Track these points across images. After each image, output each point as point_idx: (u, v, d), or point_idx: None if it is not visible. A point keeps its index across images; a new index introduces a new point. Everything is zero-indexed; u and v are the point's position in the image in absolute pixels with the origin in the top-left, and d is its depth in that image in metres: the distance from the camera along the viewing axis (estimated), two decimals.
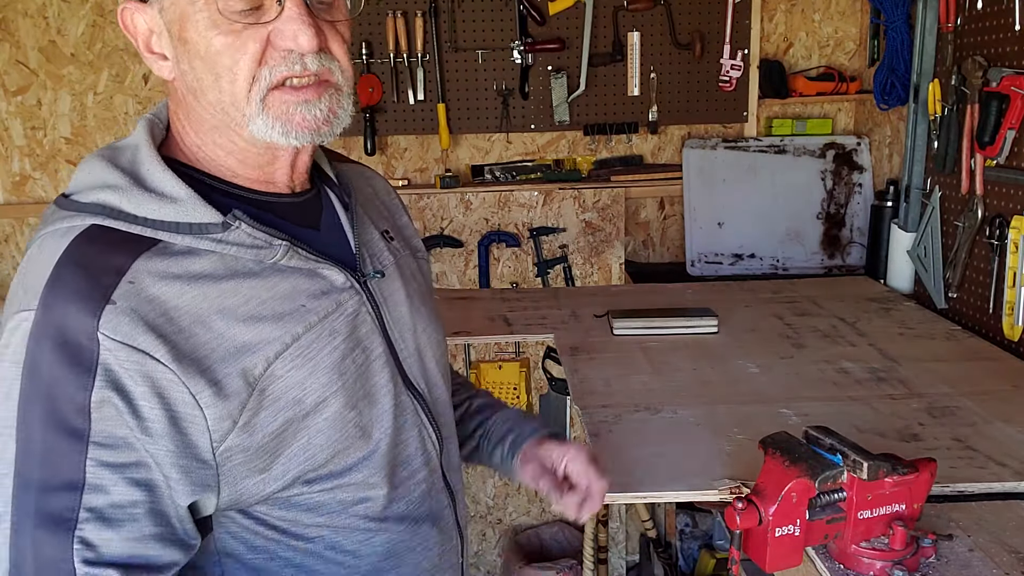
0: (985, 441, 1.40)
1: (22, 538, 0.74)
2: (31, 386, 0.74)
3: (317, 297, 0.88)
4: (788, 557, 0.99)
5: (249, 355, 0.81)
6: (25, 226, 2.94)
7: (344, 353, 0.88)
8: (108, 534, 0.75)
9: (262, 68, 0.82)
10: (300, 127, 0.84)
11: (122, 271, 0.77)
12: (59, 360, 0.74)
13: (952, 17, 2.13)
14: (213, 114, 0.85)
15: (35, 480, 0.74)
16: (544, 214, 2.91)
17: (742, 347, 1.90)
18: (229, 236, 0.82)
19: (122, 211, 0.81)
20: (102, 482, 0.74)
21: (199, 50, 0.81)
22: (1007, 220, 1.91)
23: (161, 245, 0.80)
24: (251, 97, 0.82)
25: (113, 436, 0.75)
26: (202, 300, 0.80)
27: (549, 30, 2.80)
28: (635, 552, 2.99)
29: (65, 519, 0.73)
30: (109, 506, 0.75)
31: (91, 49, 2.83)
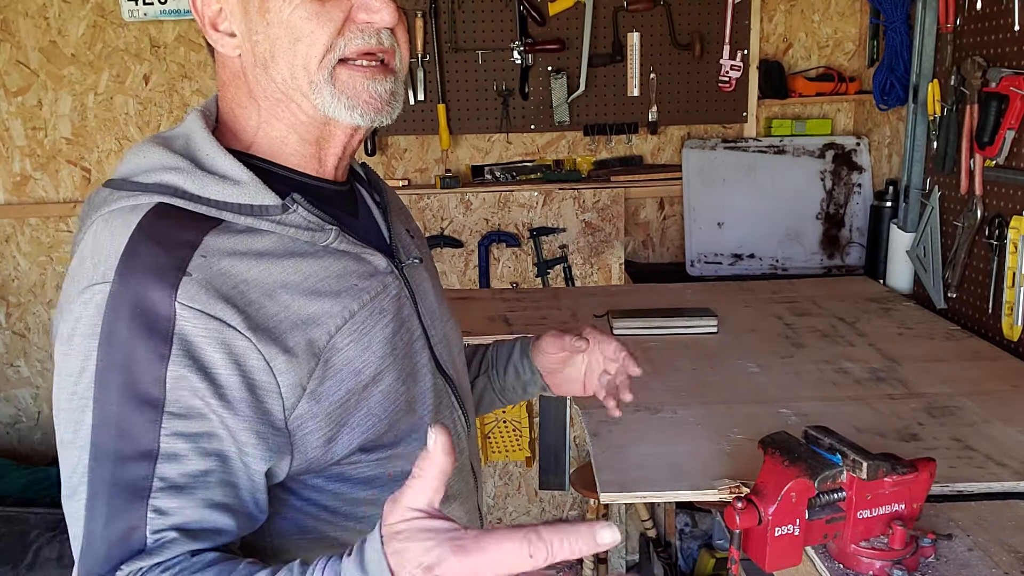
0: (984, 441, 1.40)
1: (97, 507, 0.75)
2: (108, 358, 0.76)
3: (366, 278, 0.91)
4: (788, 557, 0.99)
5: (313, 327, 0.84)
6: (25, 226, 2.95)
7: (394, 331, 0.92)
8: (180, 502, 0.76)
9: (339, 39, 0.85)
10: (366, 104, 0.87)
11: (195, 245, 0.79)
12: (136, 331, 0.75)
13: (951, 17, 2.13)
14: (280, 84, 0.87)
15: (111, 451, 0.75)
16: (544, 214, 2.91)
17: (742, 347, 1.90)
18: (287, 218, 0.85)
19: (186, 191, 0.83)
20: (176, 451, 0.76)
21: (282, 16, 0.84)
22: (1006, 220, 1.92)
23: (225, 224, 0.83)
24: (323, 65, 0.85)
25: (188, 407, 0.76)
26: (267, 275, 0.83)
27: (549, 30, 2.80)
28: (635, 552, 3.00)
29: (140, 488, 0.75)
30: (181, 475, 0.76)
31: (92, 50, 2.83)
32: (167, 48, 2.85)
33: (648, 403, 1.59)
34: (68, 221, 2.96)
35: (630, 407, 1.57)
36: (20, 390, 3.10)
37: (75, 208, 2.92)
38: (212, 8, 0.88)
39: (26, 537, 2.50)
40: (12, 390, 3.10)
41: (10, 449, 3.12)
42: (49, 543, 2.49)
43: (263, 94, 0.89)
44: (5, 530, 2.51)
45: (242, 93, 0.90)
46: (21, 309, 3.03)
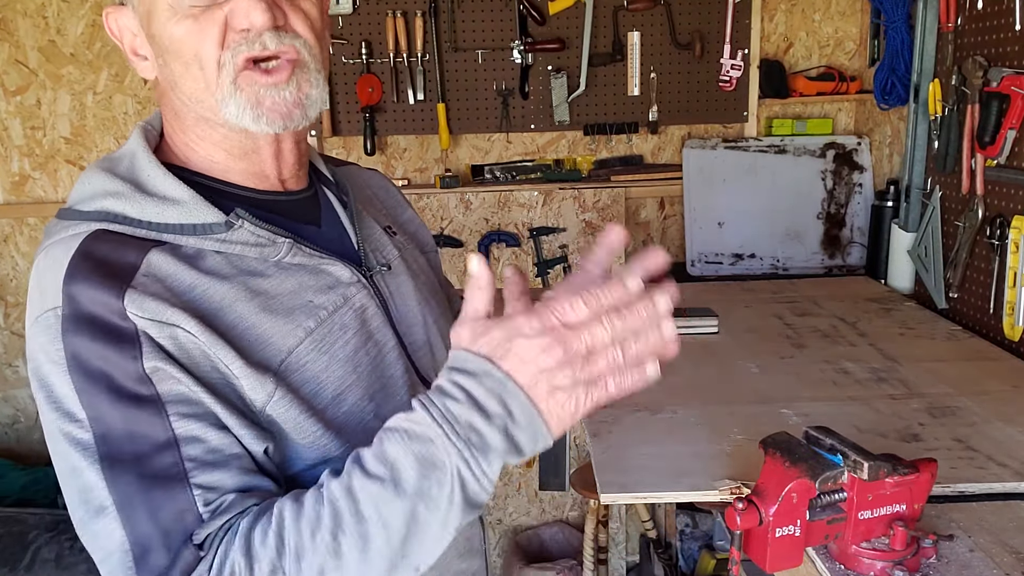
0: (985, 441, 1.40)
1: (136, 511, 0.74)
2: (84, 375, 0.75)
3: (323, 292, 0.88)
4: (788, 557, 0.99)
5: (265, 347, 0.81)
6: (24, 226, 2.94)
7: (356, 347, 0.88)
8: (218, 475, 0.75)
9: (225, 52, 0.81)
10: (271, 112, 0.83)
11: (136, 265, 0.78)
12: (101, 341, 0.75)
13: (952, 17, 2.13)
14: (192, 105, 0.85)
15: (127, 456, 0.74)
16: (544, 214, 2.91)
17: (742, 347, 1.90)
18: (233, 235, 0.83)
19: (126, 216, 0.81)
20: (192, 433, 0.75)
21: (164, 42, 0.82)
22: (1007, 220, 1.91)
23: (167, 245, 0.81)
24: (220, 81, 0.82)
25: (180, 393, 0.76)
26: (214, 294, 0.80)
27: (549, 30, 2.80)
28: (635, 552, 2.99)
29: (175, 474, 0.74)
30: (207, 451, 0.76)
31: (90, 49, 2.83)
32: None
33: (648, 403, 1.58)
34: None
35: (630, 407, 1.57)
36: (19, 390, 3.10)
37: None
38: (127, 34, 0.88)
39: (25, 537, 2.49)
40: (11, 390, 3.10)
41: (9, 449, 3.11)
42: (48, 544, 2.49)
43: (183, 115, 0.87)
44: (3, 530, 2.51)
45: (169, 113, 0.89)
46: (20, 309, 3.02)
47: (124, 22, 0.87)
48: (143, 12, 0.84)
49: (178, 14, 0.81)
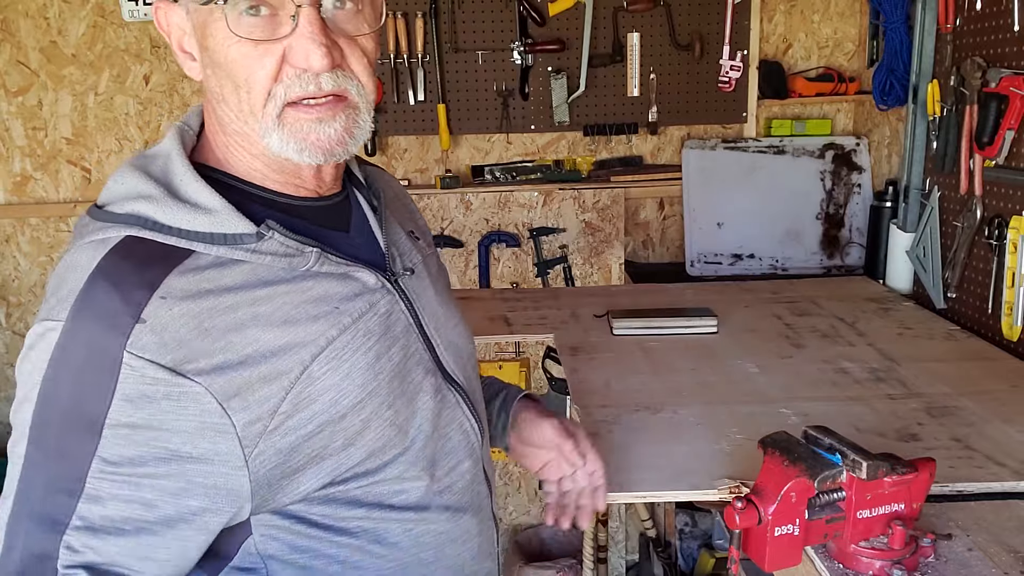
0: (984, 441, 1.40)
1: (17, 525, 0.77)
2: (52, 393, 0.76)
3: (350, 299, 0.87)
4: (787, 557, 0.99)
5: (284, 358, 0.81)
6: (25, 226, 2.95)
7: (379, 353, 0.88)
8: (94, 542, 0.76)
9: (277, 85, 0.81)
10: (314, 146, 0.83)
11: (154, 286, 0.77)
12: (83, 375, 0.75)
13: (951, 18, 2.13)
14: (235, 120, 0.85)
15: (41, 479, 0.76)
16: (544, 214, 2.91)
17: (742, 347, 1.90)
18: (262, 246, 0.82)
19: (156, 222, 0.81)
20: (99, 494, 0.75)
21: (218, 58, 0.81)
22: (1006, 220, 1.92)
23: (192, 259, 0.80)
24: (266, 112, 0.82)
25: (119, 454, 0.75)
26: (235, 310, 0.80)
27: (549, 31, 2.80)
28: (635, 551, 3.00)
29: (58, 521, 0.75)
30: (101, 518, 0.76)
31: (92, 50, 2.83)
32: (167, 48, 2.85)
33: (648, 403, 1.59)
34: (68, 221, 2.96)
35: (630, 407, 1.57)
36: None
37: (76, 208, 2.92)
38: (176, 29, 0.86)
39: None
40: (12, 390, 3.09)
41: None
42: None
43: (225, 124, 0.87)
44: None
45: (213, 117, 0.88)
46: (21, 309, 3.03)
47: (174, 19, 0.86)
48: (198, 21, 0.82)
49: (235, 37, 0.79)
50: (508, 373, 2.92)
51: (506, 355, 3.01)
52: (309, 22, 0.79)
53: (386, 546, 0.92)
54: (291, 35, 0.79)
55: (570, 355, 1.88)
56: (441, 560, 0.97)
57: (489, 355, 3.00)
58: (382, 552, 0.92)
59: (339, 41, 0.82)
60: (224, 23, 0.79)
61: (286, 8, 0.79)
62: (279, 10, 0.79)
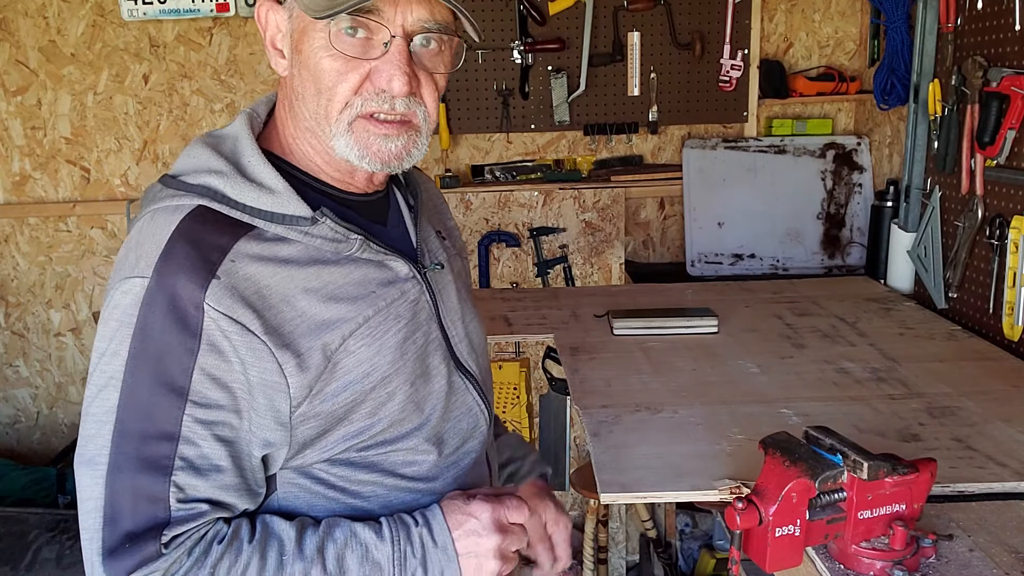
0: (985, 441, 1.40)
1: (120, 479, 0.83)
2: (141, 346, 0.84)
3: (385, 285, 0.98)
4: (788, 557, 0.99)
5: (328, 331, 0.91)
6: (25, 226, 2.94)
7: (406, 336, 0.98)
8: (196, 481, 0.85)
9: (356, 97, 0.91)
10: (375, 156, 0.94)
11: (225, 250, 0.87)
12: (169, 325, 0.83)
13: (952, 17, 2.13)
14: (308, 119, 0.95)
15: (136, 430, 0.84)
16: (544, 214, 2.91)
17: (742, 347, 1.90)
18: (315, 229, 0.92)
19: (225, 196, 0.90)
20: (194, 436, 0.85)
21: (309, 63, 0.91)
22: (1007, 220, 1.91)
23: (256, 231, 0.90)
24: (340, 118, 0.92)
25: (207, 397, 0.85)
26: (288, 281, 0.90)
27: (549, 30, 2.80)
28: (635, 552, 2.99)
29: (163, 465, 0.84)
30: (198, 457, 0.85)
31: (91, 49, 2.83)
32: (166, 48, 2.85)
33: (648, 403, 1.58)
34: (67, 221, 2.95)
35: (630, 407, 1.57)
36: (19, 390, 3.10)
37: (74, 208, 2.92)
38: (272, 27, 0.96)
39: (25, 537, 2.50)
40: (11, 390, 3.10)
41: (9, 449, 3.12)
42: (48, 543, 2.49)
43: (298, 118, 0.96)
44: (4, 530, 2.51)
45: (287, 109, 0.98)
46: (20, 309, 3.03)
47: (274, 18, 0.95)
48: (298, 24, 0.92)
49: (331, 52, 0.90)
50: (508, 373, 2.91)
51: (506, 355, 3.00)
52: (399, 51, 0.90)
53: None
54: (380, 59, 0.90)
55: (570, 355, 1.88)
56: None
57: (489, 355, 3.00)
58: None
59: (418, 73, 0.93)
60: (325, 35, 0.90)
61: (381, 35, 0.90)
62: (374, 35, 0.90)
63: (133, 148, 2.92)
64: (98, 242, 2.98)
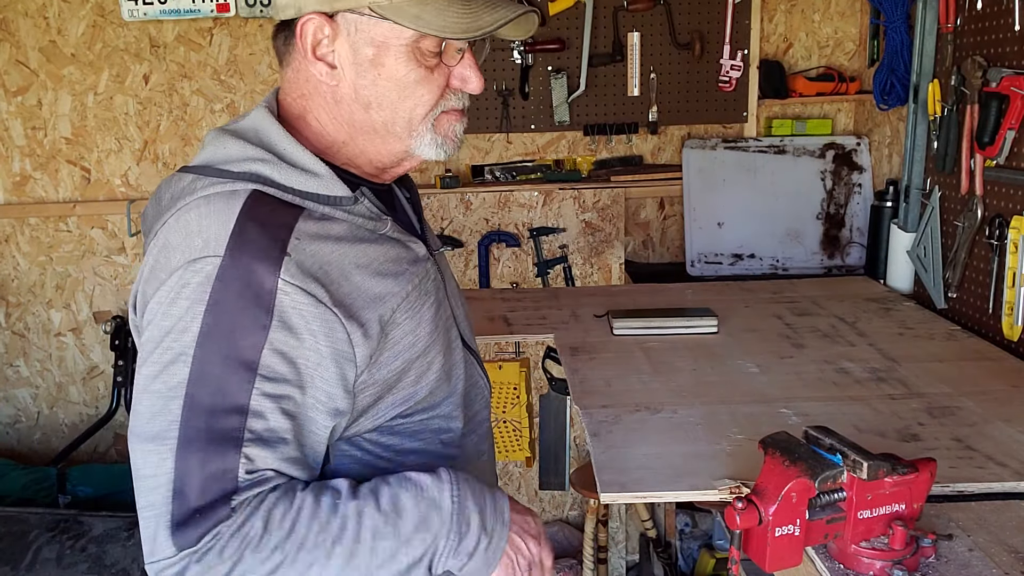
0: (985, 441, 1.40)
1: (191, 452, 0.86)
2: (214, 322, 0.87)
3: (413, 263, 1.04)
4: (788, 557, 0.99)
5: (381, 304, 0.97)
6: (25, 226, 2.94)
7: (436, 310, 1.06)
8: (265, 452, 0.88)
9: (441, 100, 1.01)
10: (450, 141, 1.04)
11: (290, 229, 0.92)
12: (244, 302, 0.87)
13: (952, 17, 2.13)
14: (377, 124, 1.01)
15: (207, 404, 0.86)
16: (544, 214, 2.91)
17: (742, 347, 1.90)
18: (356, 208, 0.99)
19: (274, 180, 0.95)
20: (263, 410, 0.88)
21: (394, 74, 0.98)
22: (1007, 220, 1.91)
23: (307, 211, 0.95)
24: (427, 119, 1.01)
25: (275, 371, 0.88)
26: (343, 258, 0.95)
27: (549, 30, 2.80)
28: (635, 552, 3.00)
29: (234, 437, 0.87)
30: (266, 430, 0.88)
31: (91, 49, 2.83)
32: (167, 48, 2.85)
33: (648, 403, 1.59)
34: (68, 221, 2.95)
35: (630, 407, 1.57)
36: (20, 390, 3.10)
37: (75, 208, 2.92)
38: (317, 38, 0.98)
39: (26, 537, 2.50)
40: (12, 390, 3.10)
41: (10, 449, 3.12)
42: (49, 543, 2.49)
43: (354, 124, 1.01)
44: (5, 530, 2.51)
45: (324, 112, 1.02)
46: (21, 309, 3.03)
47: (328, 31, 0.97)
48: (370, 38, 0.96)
49: (417, 62, 0.98)
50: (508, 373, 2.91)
51: (506, 355, 3.00)
52: (472, 57, 1.02)
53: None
54: (459, 64, 1.01)
55: (570, 355, 1.88)
56: None
57: (489, 355, 3.00)
58: None
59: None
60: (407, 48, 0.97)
61: (456, 43, 1.00)
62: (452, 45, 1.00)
63: (133, 148, 2.92)
64: (98, 242, 2.98)
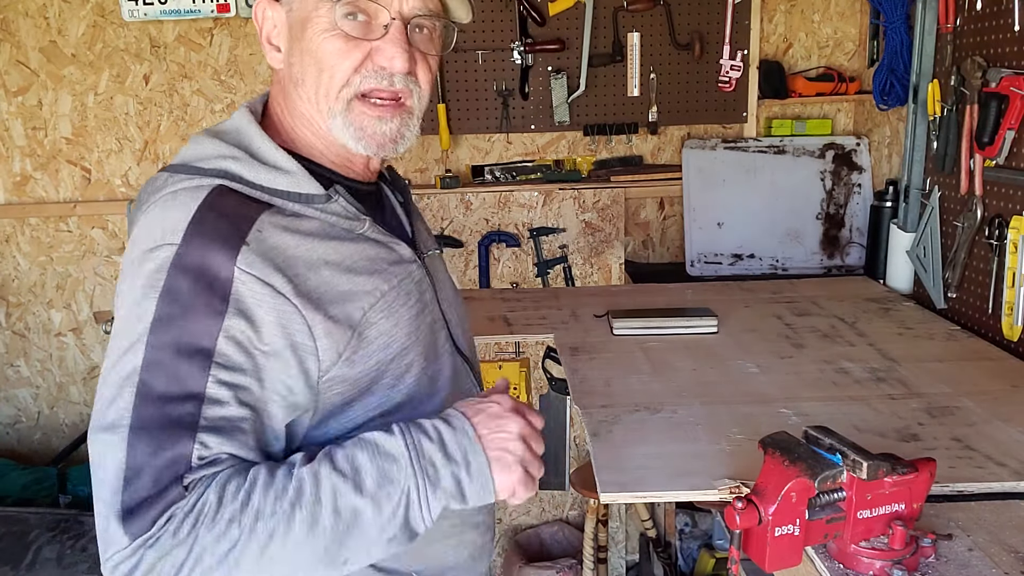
0: (984, 441, 1.40)
1: (143, 439, 0.84)
2: (167, 309, 0.86)
3: (393, 264, 1.02)
4: (788, 557, 0.99)
5: (351, 301, 0.95)
6: (26, 226, 2.94)
7: (416, 312, 1.04)
8: (219, 440, 0.86)
9: (356, 75, 0.96)
10: (371, 139, 0.99)
11: (253, 220, 0.91)
12: (198, 288, 0.86)
13: (951, 17, 2.13)
14: (306, 103, 0.99)
15: (159, 392, 0.85)
16: (544, 214, 2.91)
17: (742, 347, 1.90)
18: (329, 206, 0.97)
19: (243, 177, 0.95)
20: (219, 397, 0.86)
21: (312, 47, 0.96)
22: (1006, 220, 1.92)
23: (275, 208, 0.94)
24: (340, 96, 0.97)
25: (232, 360, 0.87)
26: (311, 252, 0.93)
27: (549, 30, 2.80)
28: (635, 552, 3.00)
29: (188, 423, 0.85)
30: (222, 418, 0.86)
31: (92, 49, 2.83)
32: (167, 48, 2.85)
33: (648, 403, 1.59)
34: (68, 221, 2.96)
35: (630, 407, 1.57)
36: (20, 390, 3.10)
37: (75, 208, 2.92)
38: (269, 23, 1.01)
39: (26, 537, 2.50)
40: (12, 390, 3.10)
41: (10, 449, 3.12)
42: (49, 543, 2.49)
43: (294, 106, 1.01)
44: (5, 530, 2.51)
45: (282, 99, 1.03)
46: (21, 309, 3.03)
47: (272, 14, 1.01)
48: (299, 15, 0.97)
49: (335, 32, 0.95)
50: (508, 373, 2.91)
51: (506, 355, 3.00)
52: (399, 32, 0.97)
53: None
54: (381, 39, 0.96)
55: (570, 355, 1.88)
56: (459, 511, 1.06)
57: (489, 355, 3.00)
58: None
59: (415, 54, 0.99)
60: (326, 21, 0.95)
61: (380, 19, 0.96)
62: (373, 19, 0.96)
63: (134, 148, 2.92)
64: (99, 242, 2.98)
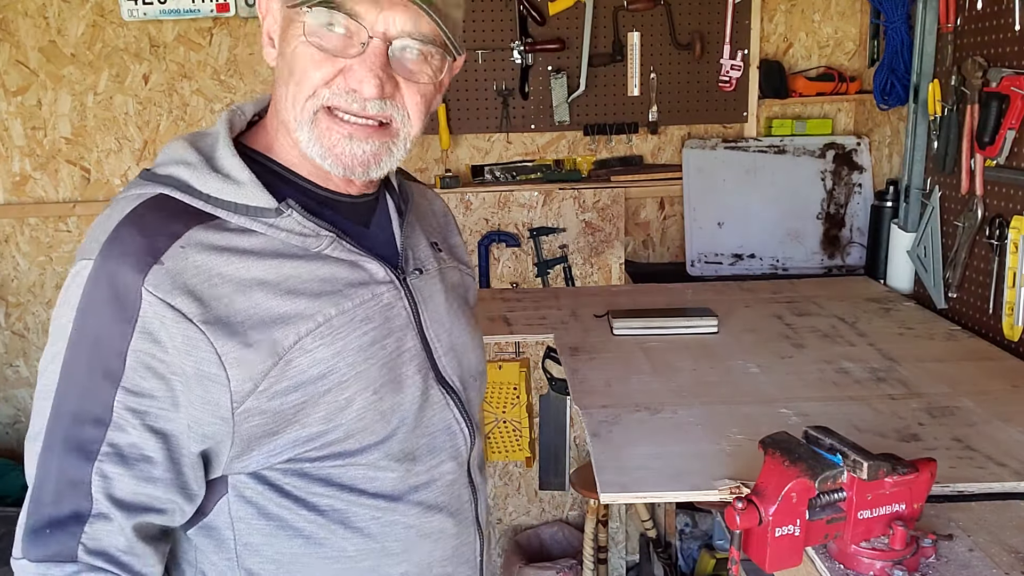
0: (985, 441, 1.40)
1: (50, 458, 0.84)
2: (81, 327, 0.84)
3: (355, 286, 0.94)
4: (788, 557, 0.99)
5: (282, 326, 0.88)
6: (25, 226, 2.94)
7: (373, 340, 0.95)
8: (121, 470, 0.84)
9: (325, 88, 0.89)
10: (338, 159, 0.91)
11: (176, 236, 0.85)
12: (108, 308, 0.83)
13: (952, 17, 2.13)
14: (281, 109, 0.93)
15: (70, 410, 0.84)
16: (544, 214, 2.91)
17: (742, 347, 1.90)
18: (280, 222, 0.90)
19: (189, 185, 0.90)
20: (125, 424, 0.84)
21: (288, 50, 0.91)
22: (1007, 220, 1.91)
23: (218, 221, 0.89)
24: (305, 107, 0.90)
25: (141, 386, 0.84)
26: (244, 272, 0.88)
27: (549, 30, 2.80)
28: (635, 552, 3.00)
29: (90, 450, 0.83)
30: (128, 445, 0.84)
31: (91, 49, 2.83)
32: (167, 48, 2.85)
33: (648, 403, 1.58)
34: (68, 221, 2.95)
35: (630, 407, 1.57)
36: (20, 390, 3.10)
37: (74, 208, 2.92)
38: (270, 18, 0.96)
39: None
40: (12, 390, 3.10)
41: (9, 449, 3.12)
42: None
43: (278, 111, 0.95)
44: (4, 530, 2.51)
45: (273, 102, 0.97)
46: (21, 309, 3.03)
47: (272, 6, 0.95)
48: (287, 15, 0.91)
49: (310, 40, 0.88)
50: (508, 373, 2.91)
51: (506, 355, 3.00)
52: (375, 54, 0.88)
53: (351, 529, 0.95)
54: (356, 58, 0.88)
55: (570, 355, 1.88)
56: (409, 554, 1.00)
57: (489, 355, 3.00)
58: (347, 535, 0.95)
59: (397, 77, 0.91)
60: (306, 25, 0.88)
61: (360, 35, 0.87)
62: (354, 35, 0.88)
63: (133, 148, 2.92)
64: None
